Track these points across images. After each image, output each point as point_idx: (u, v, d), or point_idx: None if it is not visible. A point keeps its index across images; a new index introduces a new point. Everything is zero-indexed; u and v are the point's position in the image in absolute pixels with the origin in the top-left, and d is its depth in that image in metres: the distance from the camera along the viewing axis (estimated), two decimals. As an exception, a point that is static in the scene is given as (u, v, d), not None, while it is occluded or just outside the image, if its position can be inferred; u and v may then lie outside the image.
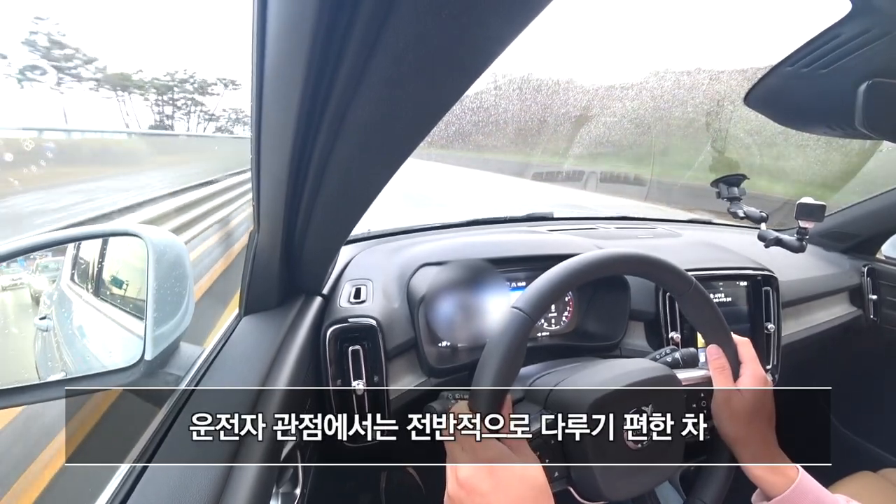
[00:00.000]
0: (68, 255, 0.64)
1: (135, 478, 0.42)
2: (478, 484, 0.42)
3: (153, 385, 0.55)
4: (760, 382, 0.57)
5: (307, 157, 0.42)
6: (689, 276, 0.56)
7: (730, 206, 1.09)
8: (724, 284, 1.05)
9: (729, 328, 0.59)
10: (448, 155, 5.62)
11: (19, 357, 0.57)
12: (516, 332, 0.47)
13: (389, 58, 0.28)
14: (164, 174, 9.51)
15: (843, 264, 1.35)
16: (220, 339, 0.64)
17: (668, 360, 0.63)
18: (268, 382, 0.56)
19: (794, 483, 0.52)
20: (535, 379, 0.61)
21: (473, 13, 0.25)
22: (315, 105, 0.34)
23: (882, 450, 1.36)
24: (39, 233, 0.56)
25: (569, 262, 0.51)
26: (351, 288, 0.83)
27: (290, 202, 0.50)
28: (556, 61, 1.27)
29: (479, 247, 0.98)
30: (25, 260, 0.56)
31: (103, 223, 2.70)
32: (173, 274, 0.56)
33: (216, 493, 0.41)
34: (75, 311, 0.64)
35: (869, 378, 1.42)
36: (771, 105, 0.71)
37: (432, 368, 0.80)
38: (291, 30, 0.29)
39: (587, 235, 1.18)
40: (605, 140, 1.76)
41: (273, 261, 0.62)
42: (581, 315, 0.98)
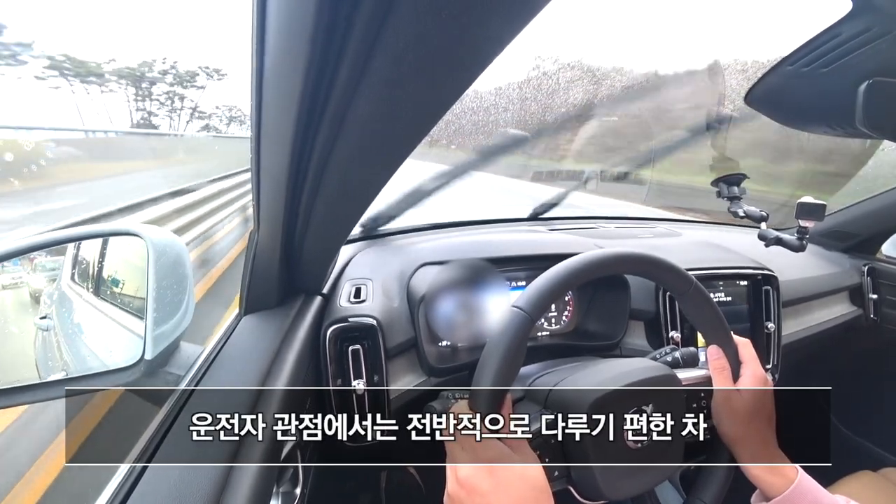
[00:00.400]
0: (69, 254, 0.64)
1: (135, 478, 0.42)
2: (478, 483, 0.42)
3: (153, 384, 0.55)
4: (760, 383, 0.57)
5: (307, 157, 0.42)
6: (690, 275, 0.56)
7: (730, 205, 1.09)
8: (725, 284, 1.05)
9: (729, 328, 0.59)
10: (445, 156, 5.61)
11: (20, 356, 0.57)
12: (517, 331, 0.47)
13: (389, 58, 0.28)
14: (103, 185, 7.10)
15: (843, 264, 1.35)
16: (220, 338, 0.64)
17: (669, 360, 0.63)
18: (268, 382, 0.56)
19: (794, 484, 0.52)
20: (535, 379, 0.61)
21: (473, 13, 0.25)
22: (315, 105, 0.34)
23: (882, 449, 1.36)
24: (39, 233, 0.56)
25: (569, 261, 0.51)
26: (351, 287, 0.83)
27: (290, 202, 0.50)
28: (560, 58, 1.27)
29: (478, 246, 0.98)
30: (20, 261, 0.56)
31: (103, 223, 2.69)
32: (173, 273, 0.56)
33: (216, 493, 0.41)
34: (76, 311, 0.64)
35: (869, 377, 1.42)
36: (771, 104, 0.71)
37: (432, 368, 0.80)
38: (291, 29, 0.29)
39: (587, 235, 1.18)
40: (605, 140, 1.76)
41: (273, 260, 0.62)
42: (581, 314, 0.98)
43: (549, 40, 1.12)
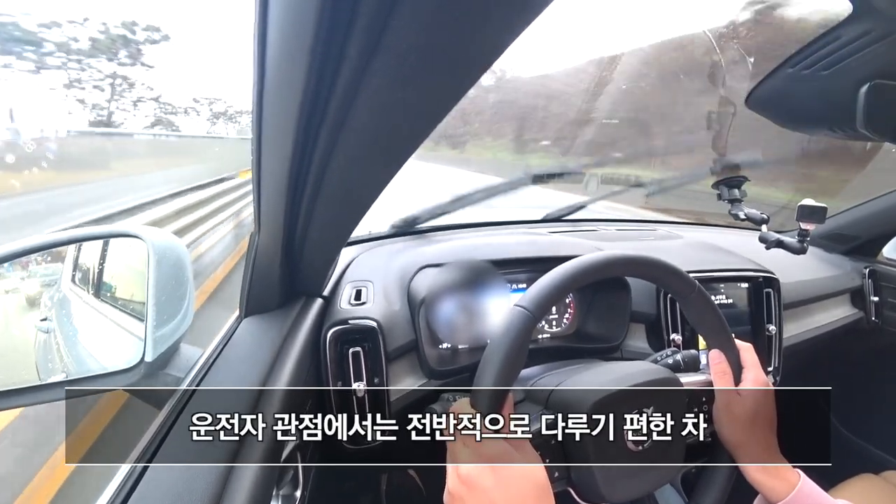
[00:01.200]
0: (69, 256, 0.64)
1: (136, 478, 0.42)
2: (480, 480, 0.42)
3: (154, 387, 0.55)
4: (762, 388, 0.57)
5: (308, 159, 0.42)
6: (693, 279, 0.56)
7: (731, 208, 1.09)
8: (726, 286, 1.05)
9: (731, 333, 0.59)
10: (441, 156, 5.58)
11: (20, 358, 0.57)
12: (519, 330, 0.47)
13: (390, 59, 0.28)
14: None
15: (844, 266, 1.35)
16: (220, 340, 0.64)
17: (670, 363, 0.63)
18: (268, 383, 0.56)
19: (796, 488, 0.52)
20: (536, 380, 0.60)
21: (475, 15, 0.25)
22: (316, 107, 0.34)
23: (884, 452, 1.35)
24: (40, 234, 0.56)
25: (571, 263, 0.51)
26: (352, 290, 0.83)
27: (291, 204, 0.50)
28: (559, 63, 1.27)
29: (479, 248, 0.98)
30: (12, 266, 0.55)
31: (104, 225, 2.68)
32: (174, 275, 0.56)
33: (217, 494, 0.41)
34: (76, 313, 0.64)
35: (870, 380, 1.42)
36: (772, 107, 0.71)
37: (433, 370, 0.80)
38: (293, 31, 0.29)
39: (588, 237, 1.18)
40: (605, 141, 1.76)
41: (274, 262, 0.62)
42: (582, 317, 0.97)
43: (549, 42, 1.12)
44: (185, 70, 22.11)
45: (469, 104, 2.28)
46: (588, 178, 1.42)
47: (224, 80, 20.44)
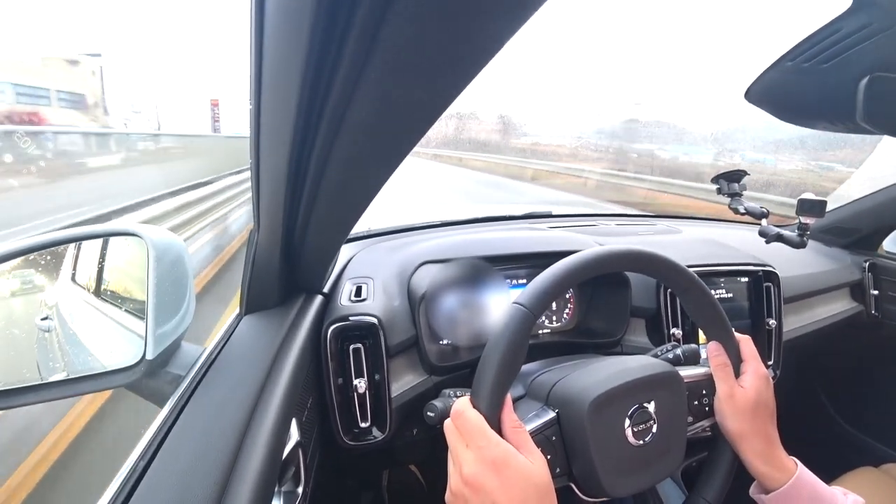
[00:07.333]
0: (69, 255, 0.64)
1: (138, 475, 0.42)
2: (484, 482, 0.42)
3: (154, 385, 0.55)
4: (762, 379, 0.57)
5: (306, 156, 0.42)
6: (691, 272, 0.56)
7: (731, 202, 1.09)
8: (725, 280, 1.05)
9: (731, 325, 0.59)
10: (440, 156, 5.57)
11: (21, 357, 0.57)
12: (518, 328, 0.47)
13: (388, 56, 0.28)
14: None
15: (844, 260, 1.35)
16: (220, 338, 0.64)
17: (670, 357, 0.64)
18: (269, 381, 0.56)
19: (794, 476, 0.53)
20: (537, 376, 0.61)
21: (472, 12, 0.25)
22: (314, 103, 0.34)
23: (884, 445, 1.36)
24: (39, 233, 0.56)
25: (570, 258, 0.51)
26: (352, 286, 0.83)
27: (290, 201, 0.50)
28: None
29: (479, 244, 0.98)
30: (12, 265, 0.55)
31: (103, 223, 2.68)
32: (174, 273, 0.56)
33: (218, 493, 0.41)
34: (76, 311, 0.64)
35: (870, 373, 1.42)
36: (771, 100, 0.71)
37: (434, 366, 0.80)
38: (290, 28, 0.29)
39: (587, 232, 1.18)
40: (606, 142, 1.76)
41: (273, 259, 0.62)
42: (582, 312, 0.98)
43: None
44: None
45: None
46: (587, 175, 1.42)
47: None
